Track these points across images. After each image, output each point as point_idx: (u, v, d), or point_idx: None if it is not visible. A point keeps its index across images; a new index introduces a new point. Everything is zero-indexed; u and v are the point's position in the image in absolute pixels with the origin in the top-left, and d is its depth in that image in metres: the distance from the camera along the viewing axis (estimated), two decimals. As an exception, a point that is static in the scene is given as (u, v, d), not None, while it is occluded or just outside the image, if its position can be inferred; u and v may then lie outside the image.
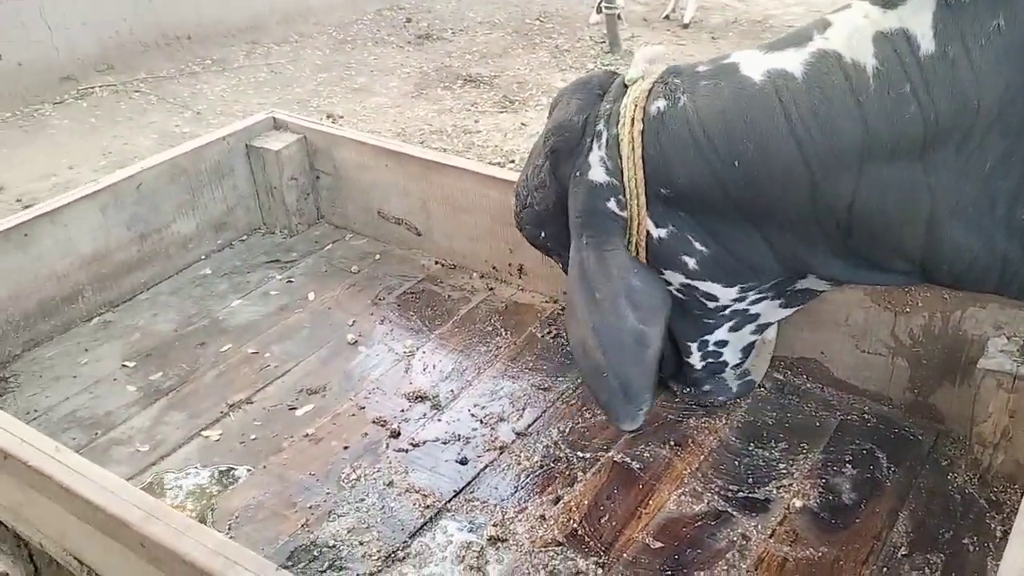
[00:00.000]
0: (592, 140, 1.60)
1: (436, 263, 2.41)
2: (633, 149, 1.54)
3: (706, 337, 1.74)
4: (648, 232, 1.59)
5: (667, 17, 8.06)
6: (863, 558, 1.51)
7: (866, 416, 1.81)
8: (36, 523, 1.70)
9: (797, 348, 1.90)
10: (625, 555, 1.55)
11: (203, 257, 2.49)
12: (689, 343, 1.75)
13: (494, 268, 2.30)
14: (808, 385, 1.90)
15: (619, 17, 7.26)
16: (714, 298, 1.65)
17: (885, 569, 1.49)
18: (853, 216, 1.44)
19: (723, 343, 1.77)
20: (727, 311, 1.68)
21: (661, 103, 1.54)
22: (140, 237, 2.29)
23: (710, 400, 1.85)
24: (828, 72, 1.41)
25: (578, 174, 1.62)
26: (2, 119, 5.81)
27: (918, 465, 1.69)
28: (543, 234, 1.78)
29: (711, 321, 1.70)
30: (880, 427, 1.78)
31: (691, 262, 1.59)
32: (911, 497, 1.63)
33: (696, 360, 1.77)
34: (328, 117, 5.85)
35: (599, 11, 7.46)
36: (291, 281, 2.40)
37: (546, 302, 2.23)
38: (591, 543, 1.58)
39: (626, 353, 1.56)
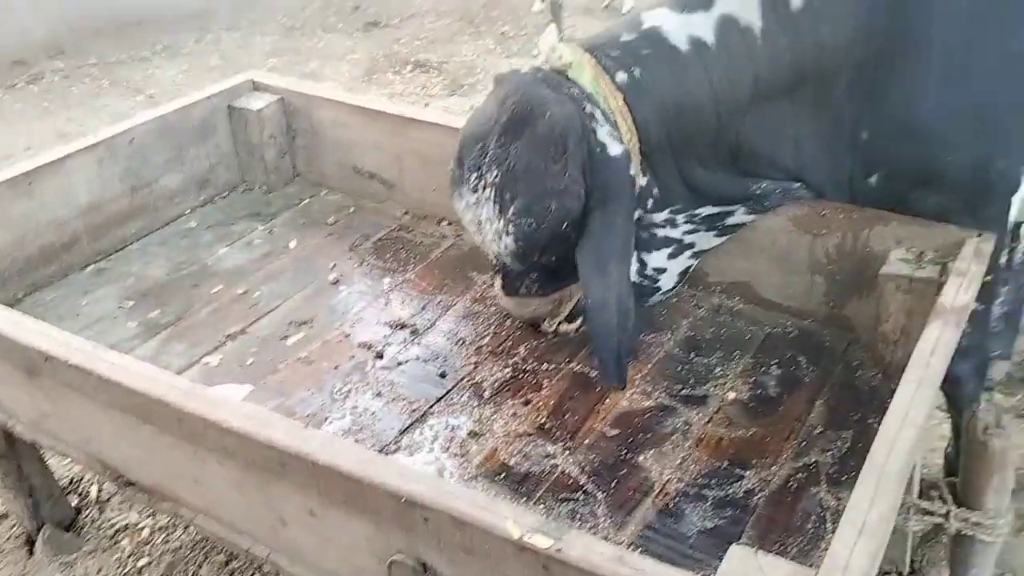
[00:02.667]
0: (591, 122, 1.74)
1: (406, 214, 2.63)
2: (624, 118, 1.78)
3: (642, 256, 1.98)
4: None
5: (607, 6, 8.35)
6: (785, 435, 1.80)
7: (788, 329, 2.10)
8: (59, 432, 1.89)
9: (730, 274, 2.17)
10: (587, 441, 1.81)
11: (188, 211, 2.67)
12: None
13: (461, 216, 2.53)
14: (740, 306, 2.17)
15: (561, 5, 7.52)
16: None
17: (804, 443, 1.78)
18: (740, 140, 1.83)
19: (661, 270, 2.03)
20: (659, 233, 1.95)
21: (622, 75, 1.79)
22: (131, 190, 2.47)
23: None
24: (731, 37, 1.77)
25: (598, 151, 1.74)
26: (-47, 102, 5.83)
27: (832, 365, 1.99)
28: (567, 227, 1.76)
29: (647, 236, 1.97)
30: (800, 337, 2.07)
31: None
32: (826, 390, 1.92)
33: (633, 272, 1.96)
34: (282, 99, 5.98)
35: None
36: (272, 232, 2.60)
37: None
38: (557, 433, 1.83)
39: (625, 319, 1.75)
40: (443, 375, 2.02)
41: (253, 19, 7.74)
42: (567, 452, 1.78)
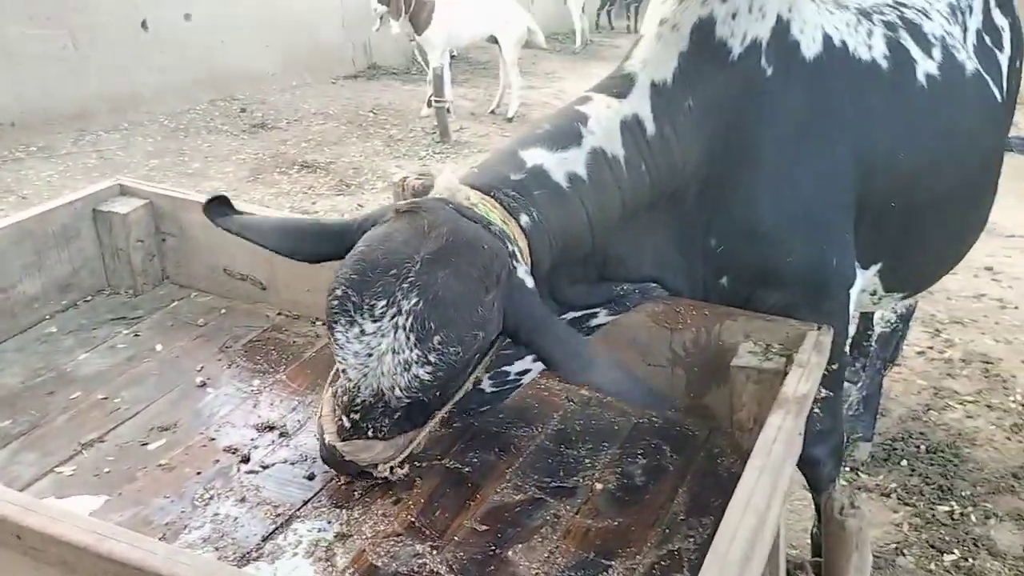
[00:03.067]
0: (511, 259, 1.77)
1: (279, 314, 2.61)
2: (526, 259, 1.82)
3: (505, 367, 2.00)
4: None
5: (493, 111, 8.68)
6: (650, 524, 1.83)
7: (654, 419, 2.16)
8: None
9: (597, 367, 2.24)
10: (456, 538, 1.80)
11: (47, 317, 2.57)
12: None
13: (334, 315, 2.53)
14: (608, 398, 2.23)
15: (448, 110, 7.78)
16: None
17: (667, 530, 1.81)
18: (608, 254, 1.95)
19: (526, 371, 2.05)
20: None
21: (525, 218, 1.84)
22: (-15, 296, 2.38)
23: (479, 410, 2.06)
24: (601, 170, 1.90)
25: (517, 284, 1.77)
26: None
27: (695, 454, 2.05)
28: (478, 357, 1.78)
29: (510, 352, 1.97)
30: (665, 427, 2.14)
31: None
32: (689, 477, 1.97)
33: (487, 386, 2.00)
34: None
35: (429, 104, 7.98)
36: (138, 335, 2.53)
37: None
38: (427, 531, 1.81)
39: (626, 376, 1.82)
40: (311, 477, 1.98)
41: (134, 120, 7.67)
42: (435, 551, 1.76)
